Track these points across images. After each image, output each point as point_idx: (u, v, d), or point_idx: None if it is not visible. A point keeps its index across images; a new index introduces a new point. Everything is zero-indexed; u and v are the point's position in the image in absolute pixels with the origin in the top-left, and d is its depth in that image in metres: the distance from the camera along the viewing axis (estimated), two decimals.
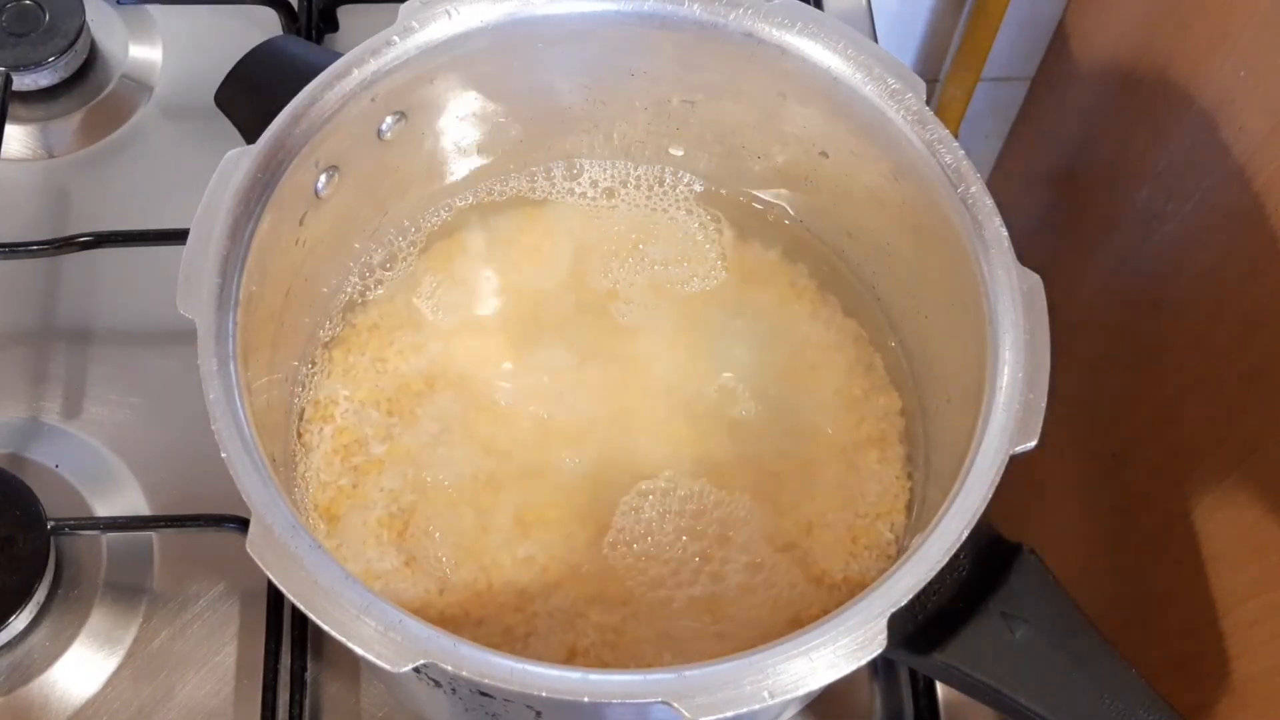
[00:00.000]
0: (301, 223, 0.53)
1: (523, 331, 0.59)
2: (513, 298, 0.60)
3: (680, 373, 0.58)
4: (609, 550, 0.54)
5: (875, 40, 0.74)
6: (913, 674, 0.61)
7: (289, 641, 0.60)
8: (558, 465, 0.56)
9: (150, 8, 0.77)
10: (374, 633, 0.41)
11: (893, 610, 0.42)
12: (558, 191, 0.62)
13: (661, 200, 0.63)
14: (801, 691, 0.41)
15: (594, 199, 0.62)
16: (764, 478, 0.56)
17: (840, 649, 0.42)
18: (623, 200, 0.62)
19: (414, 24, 0.52)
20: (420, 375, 0.58)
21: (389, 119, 0.55)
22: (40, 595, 0.59)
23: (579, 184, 0.63)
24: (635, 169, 0.63)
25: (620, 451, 0.56)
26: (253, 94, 0.55)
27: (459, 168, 0.61)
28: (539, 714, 0.45)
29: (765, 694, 0.41)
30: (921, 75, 0.53)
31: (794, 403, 0.58)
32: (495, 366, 0.58)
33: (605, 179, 0.63)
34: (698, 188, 0.63)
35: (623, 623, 0.53)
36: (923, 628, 0.46)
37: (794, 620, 0.53)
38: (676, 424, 0.57)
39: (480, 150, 0.61)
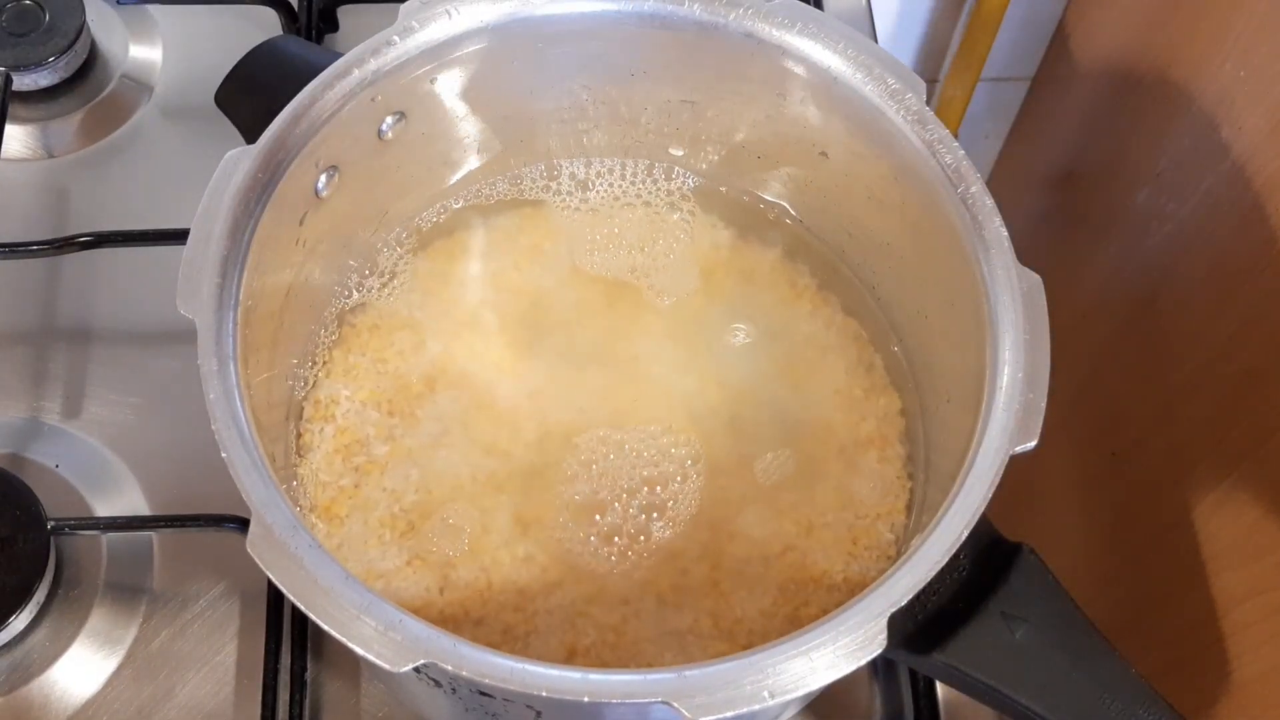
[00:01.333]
0: (302, 223, 0.53)
1: (523, 331, 0.59)
2: (513, 297, 0.60)
3: (680, 372, 0.58)
4: (609, 549, 0.54)
5: (875, 40, 0.73)
6: (913, 674, 0.61)
7: (289, 641, 0.60)
8: (557, 465, 0.56)
9: (150, 8, 0.77)
10: (374, 632, 0.41)
11: (893, 610, 0.42)
12: (557, 191, 0.62)
13: (661, 200, 0.63)
14: (801, 691, 0.41)
15: (593, 198, 0.62)
16: (764, 478, 0.56)
17: (840, 649, 0.42)
18: (622, 200, 0.62)
19: (414, 24, 0.52)
20: (421, 375, 0.58)
21: (389, 119, 0.55)
22: (40, 595, 0.59)
23: (578, 183, 0.63)
24: (635, 169, 0.63)
25: (620, 451, 0.56)
26: (253, 94, 0.55)
27: (459, 167, 0.61)
28: (539, 714, 0.45)
29: (765, 694, 0.41)
30: (921, 75, 0.53)
31: (794, 403, 0.58)
32: (495, 367, 0.58)
33: (605, 179, 0.63)
34: (698, 187, 0.63)
35: (623, 622, 0.53)
36: (923, 628, 0.46)
37: (794, 620, 0.53)
38: (676, 424, 0.57)
39: (480, 150, 0.61)
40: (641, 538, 0.54)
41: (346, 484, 0.55)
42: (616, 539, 0.54)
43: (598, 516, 0.55)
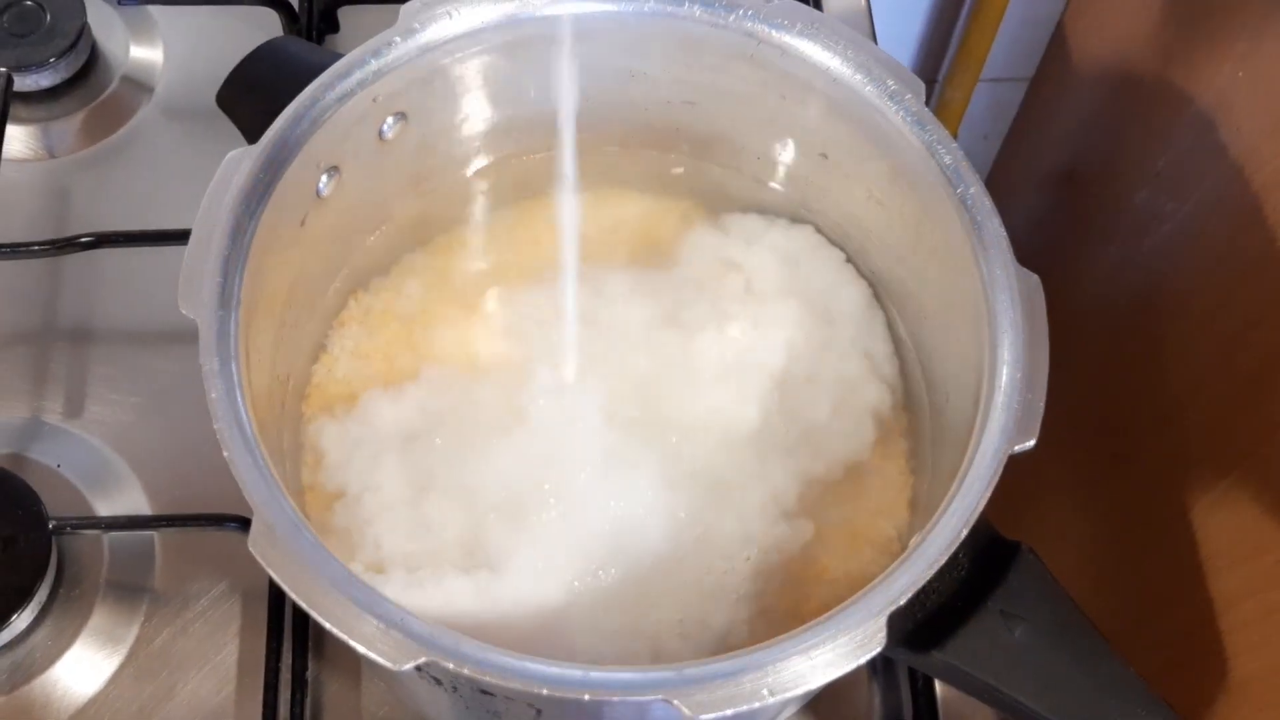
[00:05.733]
0: (303, 223, 0.53)
1: (525, 328, 0.59)
2: (515, 294, 0.60)
3: (682, 370, 0.58)
4: (611, 549, 0.54)
5: (875, 41, 0.74)
6: (912, 672, 0.61)
7: (290, 640, 0.60)
8: (559, 465, 0.56)
9: (151, 9, 0.77)
10: (375, 631, 0.41)
11: (892, 609, 0.42)
12: (557, 189, 0.62)
13: (661, 199, 0.63)
14: (801, 690, 0.41)
15: (593, 196, 0.62)
16: (766, 473, 0.56)
17: (840, 647, 0.42)
18: (622, 198, 0.62)
19: (415, 25, 0.52)
20: (423, 373, 0.57)
21: (390, 119, 0.55)
22: (42, 595, 0.59)
23: (579, 182, 0.62)
24: (635, 168, 0.63)
25: (621, 449, 0.56)
26: (254, 95, 0.55)
27: (459, 166, 0.61)
28: (539, 711, 0.45)
29: (765, 692, 0.41)
30: (921, 76, 0.53)
31: (797, 399, 0.58)
32: (498, 364, 0.58)
33: (605, 178, 0.63)
34: (698, 187, 0.63)
35: (621, 622, 0.53)
36: (922, 626, 0.46)
37: (794, 615, 0.53)
38: (678, 421, 0.57)
39: (480, 149, 0.61)
40: (644, 537, 0.54)
41: (348, 481, 0.55)
42: (618, 533, 0.54)
43: (600, 509, 0.54)
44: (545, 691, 0.40)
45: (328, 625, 0.41)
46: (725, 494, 0.55)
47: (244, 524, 0.57)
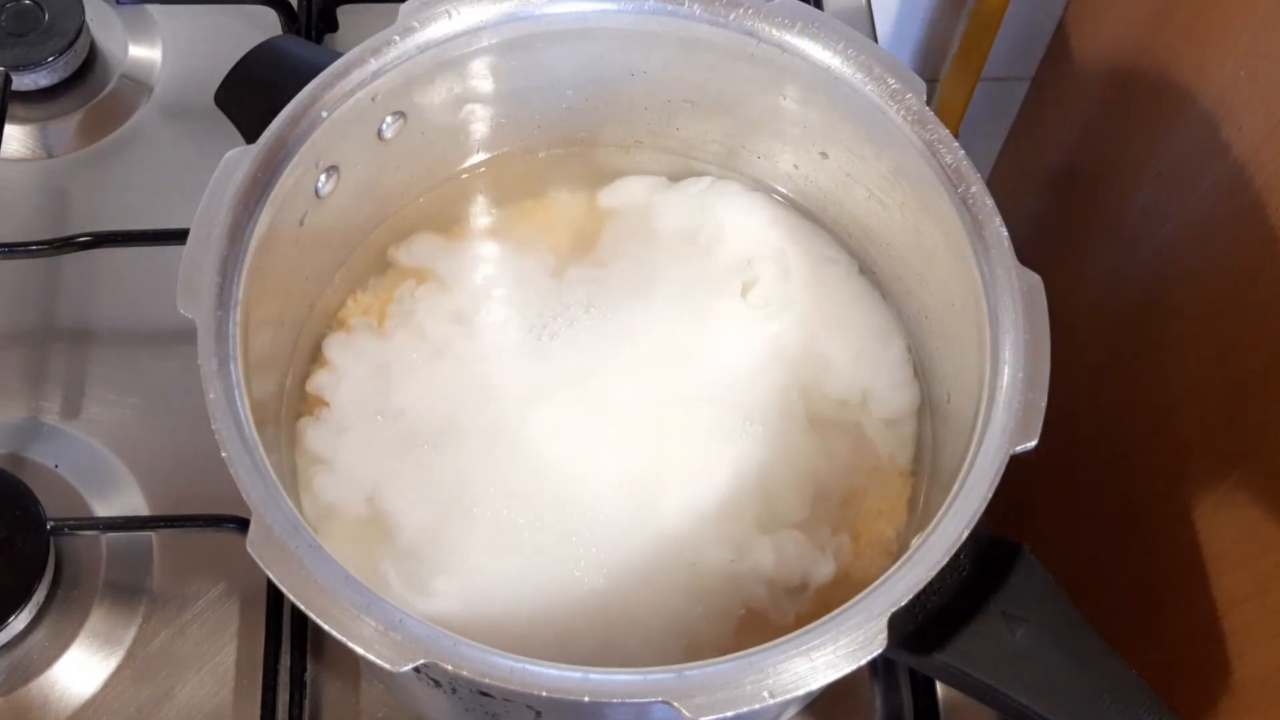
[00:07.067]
0: (302, 222, 0.53)
1: (525, 328, 0.59)
2: (514, 294, 0.60)
3: (682, 369, 0.58)
4: (612, 544, 0.54)
5: (875, 40, 0.73)
6: (912, 674, 0.61)
7: (289, 642, 0.60)
8: (560, 465, 0.55)
9: (150, 8, 0.77)
10: (374, 632, 0.41)
11: (893, 610, 0.42)
12: (557, 188, 0.62)
13: (661, 199, 0.62)
14: (801, 691, 0.41)
15: (592, 197, 0.62)
16: (766, 474, 0.56)
17: (840, 649, 0.42)
18: (622, 199, 0.62)
19: (414, 24, 0.52)
20: (422, 374, 0.57)
21: (389, 119, 0.55)
22: (40, 596, 0.59)
23: (578, 182, 0.62)
24: (634, 167, 0.63)
25: (621, 447, 0.56)
26: (253, 94, 0.55)
27: (458, 166, 0.61)
28: (539, 714, 0.45)
29: (765, 694, 0.41)
30: (921, 75, 0.53)
31: (799, 398, 0.58)
32: (497, 365, 0.58)
33: (604, 177, 0.63)
34: (698, 187, 0.63)
35: (620, 619, 0.53)
36: (923, 627, 0.46)
37: (793, 618, 0.53)
38: (679, 419, 0.57)
39: (479, 148, 0.61)
40: (644, 534, 0.54)
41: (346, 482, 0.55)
42: (616, 538, 0.54)
43: (597, 515, 0.54)
44: (545, 694, 0.40)
45: (326, 626, 0.41)
46: (725, 496, 0.55)
47: (242, 525, 0.57)
